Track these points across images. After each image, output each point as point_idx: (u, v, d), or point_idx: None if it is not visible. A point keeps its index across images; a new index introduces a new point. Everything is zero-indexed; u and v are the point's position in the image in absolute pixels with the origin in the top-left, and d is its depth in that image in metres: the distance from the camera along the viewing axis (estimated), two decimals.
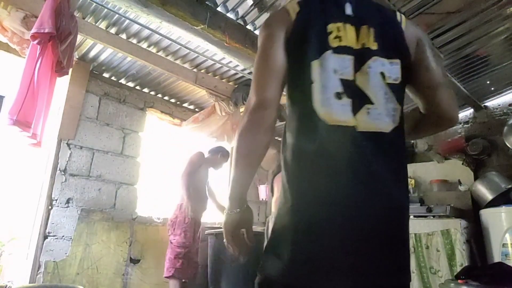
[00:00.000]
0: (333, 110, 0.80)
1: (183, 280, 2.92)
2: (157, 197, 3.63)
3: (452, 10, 2.28)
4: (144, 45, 2.88)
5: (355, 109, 0.81)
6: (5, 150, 2.76)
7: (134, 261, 3.08)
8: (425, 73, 0.92)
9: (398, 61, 0.87)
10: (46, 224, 2.67)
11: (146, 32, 2.72)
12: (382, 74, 0.84)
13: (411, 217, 3.03)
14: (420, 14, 2.42)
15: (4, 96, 2.17)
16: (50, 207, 2.71)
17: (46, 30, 1.93)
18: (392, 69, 0.85)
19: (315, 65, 0.83)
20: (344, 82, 0.82)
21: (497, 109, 3.70)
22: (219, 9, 2.40)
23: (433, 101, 0.93)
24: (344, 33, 0.85)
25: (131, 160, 3.29)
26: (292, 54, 0.87)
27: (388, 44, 0.87)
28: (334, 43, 0.84)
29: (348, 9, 0.89)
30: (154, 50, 2.96)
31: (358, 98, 0.82)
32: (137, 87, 3.49)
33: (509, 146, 3.24)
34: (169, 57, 3.07)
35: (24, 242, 2.69)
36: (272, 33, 0.90)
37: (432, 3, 2.36)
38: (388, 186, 0.79)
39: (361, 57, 0.84)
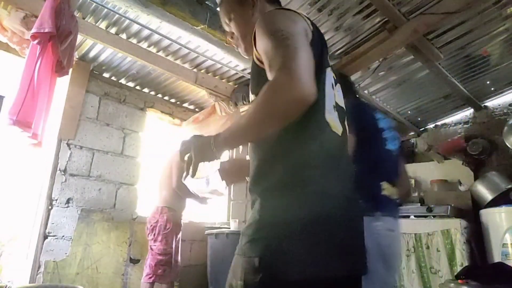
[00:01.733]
0: (334, 119, 0.89)
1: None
2: None
3: (452, 10, 2.29)
4: (144, 45, 2.88)
5: (339, 118, 0.93)
6: (5, 150, 2.75)
7: (134, 261, 3.08)
8: None
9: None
10: (46, 224, 2.67)
11: (146, 32, 2.72)
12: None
13: (412, 217, 3.04)
14: (420, 14, 2.43)
15: (4, 96, 2.17)
16: (50, 207, 2.71)
17: (46, 30, 1.93)
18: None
19: (323, 77, 0.88)
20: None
21: (497, 109, 3.71)
22: (219, 9, 2.41)
23: None
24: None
25: (131, 160, 3.29)
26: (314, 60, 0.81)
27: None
28: (328, 63, 0.94)
29: None
30: (154, 50, 2.95)
31: (338, 109, 0.94)
32: (137, 87, 3.49)
33: (509, 146, 3.24)
34: (169, 57, 3.07)
35: (24, 242, 2.68)
36: (302, 26, 0.85)
37: (432, 3, 2.36)
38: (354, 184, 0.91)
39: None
